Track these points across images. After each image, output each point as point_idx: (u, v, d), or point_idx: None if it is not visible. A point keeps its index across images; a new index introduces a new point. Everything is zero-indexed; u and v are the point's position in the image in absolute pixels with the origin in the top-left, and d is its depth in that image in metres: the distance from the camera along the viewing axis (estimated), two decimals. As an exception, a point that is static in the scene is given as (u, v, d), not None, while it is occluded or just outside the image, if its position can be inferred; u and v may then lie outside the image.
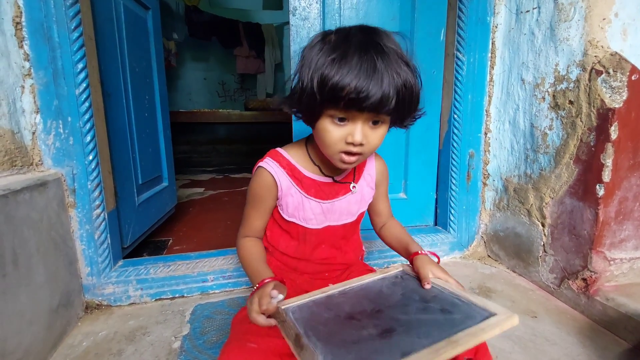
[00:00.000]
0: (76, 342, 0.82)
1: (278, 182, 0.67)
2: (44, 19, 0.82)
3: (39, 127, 0.86)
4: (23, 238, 0.71)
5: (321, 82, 0.52)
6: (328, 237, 0.73)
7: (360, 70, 0.51)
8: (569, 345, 0.80)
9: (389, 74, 0.51)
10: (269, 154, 0.70)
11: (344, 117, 0.55)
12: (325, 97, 0.53)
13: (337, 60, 0.52)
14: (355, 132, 0.55)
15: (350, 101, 0.52)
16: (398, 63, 0.53)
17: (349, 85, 0.50)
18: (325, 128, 0.57)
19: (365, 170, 0.75)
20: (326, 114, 0.56)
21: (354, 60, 0.51)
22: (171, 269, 1.04)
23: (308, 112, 0.59)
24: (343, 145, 0.57)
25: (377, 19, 1.17)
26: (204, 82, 4.27)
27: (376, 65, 0.51)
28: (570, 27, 0.93)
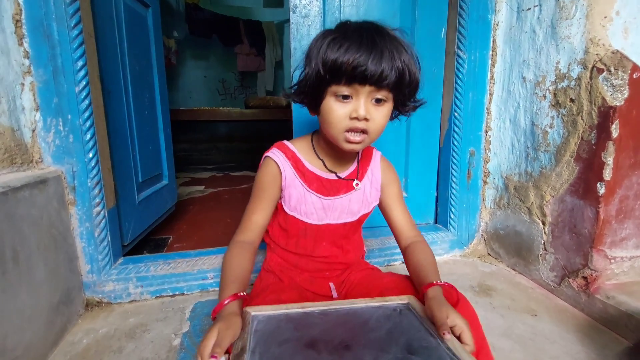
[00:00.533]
0: (77, 339, 0.82)
1: (283, 172, 0.68)
2: (44, 16, 0.82)
3: (38, 124, 0.86)
4: (23, 235, 0.71)
5: (324, 59, 0.55)
6: (328, 235, 0.73)
7: (360, 45, 0.53)
8: (569, 343, 0.81)
9: (388, 49, 0.54)
10: (276, 145, 0.71)
11: (347, 94, 0.57)
12: (328, 73, 0.55)
13: (338, 39, 0.55)
14: (359, 107, 0.57)
15: (351, 74, 0.54)
16: (396, 44, 0.56)
17: (349, 58, 0.53)
18: (330, 107, 0.58)
19: (369, 169, 0.75)
20: (330, 92, 0.58)
21: (354, 37, 0.54)
22: (171, 266, 1.04)
23: (313, 95, 0.60)
24: (348, 122, 0.58)
25: (378, 16, 1.16)
26: (204, 80, 4.27)
27: (376, 41, 0.54)
28: (571, 25, 0.93)
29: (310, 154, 0.71)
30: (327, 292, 0.73)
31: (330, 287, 0.74)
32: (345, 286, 0.75)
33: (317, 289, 0.73)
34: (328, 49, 0.55)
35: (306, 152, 0.71)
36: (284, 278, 0.73)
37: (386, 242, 1.21)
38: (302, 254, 0.74)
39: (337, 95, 0.57)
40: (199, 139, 4.03)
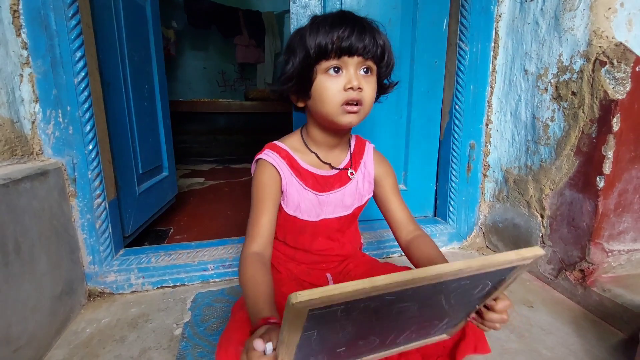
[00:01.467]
0: (79, 328, 0.84)
1: (281, 172, 0.67)
2: (41, 6, 0.81)
3: (38, 116, 0.86)
4: (25, 227, 0.71)
5: (310, 42, 0.58)
6: (324, 230, 0.73)
7: (343, 21, 0.58)
8: (565, 334, 0.82)
9: (369, 27, 0.59)
10: (267, 146, 0.70)
11: (337, 65, 0.59)
12: (316, 50, 0.58)
13: (320, 21, 0.59)
14: (351, 77, 0.59)
15: (340, 46, 0.57)
16: (374, 28, 0.61)
17: (336, 32, 0.57)
18: (323, 85, 0.60)
19: (362, 162, 0.75)
20: (320, 70, 0.60)
21: (335, 19, 0.59)
22: (172, 258, 1.05)
23: (303, 79, 0.62)
24: (343, 94, 0.60)
25: (379, 7, 1.15)
26: (203, 72, 4.23)
27: (356, 19, 0.59)
28: (575, 17, 0.92)
29: (302, 150, 0.70)
30: (324, 282, 0.74)
31: (328, 277, 0.75)
32: (343, 277, 0.75)
33: (314, 280, 0.74)
34: (312, 32, 0.58)
35: (298, 149, 0.70)
36: (281, 270, 0.74)
37: (384, 235, 1.21)
38: (300, 248, 0.74)
39: (327, 72, 0.60)
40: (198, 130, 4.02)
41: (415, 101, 1.24)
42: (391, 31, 1.18)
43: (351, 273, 0.75)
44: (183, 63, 4.10)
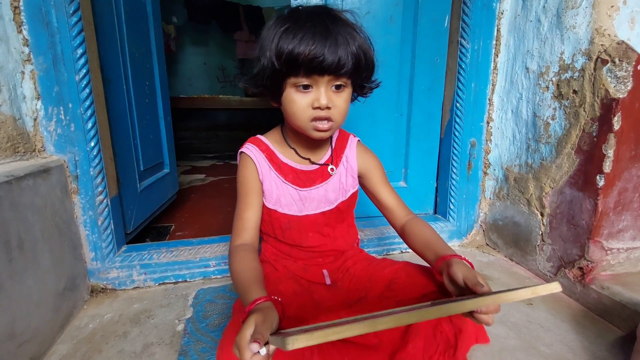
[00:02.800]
0: (82, 324, 0.85)
1: (258, 166, 0.68)
2: (42, 3, 0.81)
3: (40, 113, 0.86)
4: (28, 224, 0.72)
5: (278, 52, 0.54)
6: (310, 225, 0.73)
7: (314, 34, 0.53)
8: (563, 331, 0.82)
9: (342, 36, 0.54)
10: (249, 140, 0.72)
11: (307, 83, 0.57)
12: (284, 66, 0.55)
13: (291, 29, 0.54)
14: (320, 96, 0.57)
15: (309, 66, 0.54)
16: (349, 29, 0.56)
17: (305, 49, 0.53)
18: (291, 98, 0.58)
19: (345, 156, 0.74)
20: (289, 83, 0.57)
21: (306, 25, 0.53)
22: (174, 254, 1.06)
23: (272, 87, 0.59)
24: (311, 111, 0.58)
25: (380, 5, 1.15)
26: (203, 67, 4.23)
27: (329, 28, 0.54)
28: (577, 15, 0.91)
29: (282, 145, 0.71)
30: (320, 279, 0.74)
31: (324, 274, 0.75)
32: (342, 273, 0.75)
33: (311, 277, 0.74)
34: (281, 40, 0.54)
35: (278, 144, 0.71)
36: (279, 267, 0.75)
37: (385, 232, 1.22)
38: (292, 244, 0.75)
39: (297, 86, 0.57)
40: (199, 127, 4.02)
41: (416, 98, 1.24)
42: (392, 29, 1.17)
43: (350, 270, 0.76)
44: (183, 58, 4.09)
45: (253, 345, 0.39)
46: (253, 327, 0.42)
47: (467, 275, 0.51)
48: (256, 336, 0.40)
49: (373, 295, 0.66)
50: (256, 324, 0.42)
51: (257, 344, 0.39)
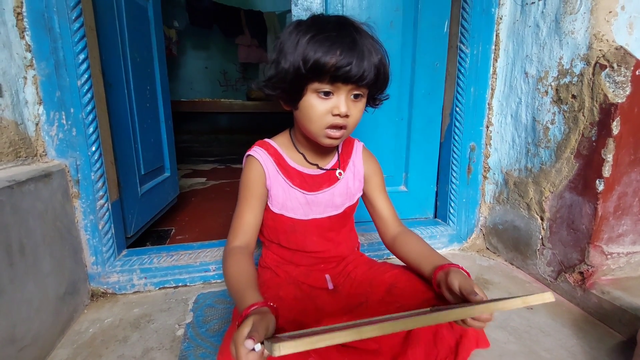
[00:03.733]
0: (83, 328, 0.85)
1: (265, 169, 0.68)
2: (45, 9, 0.82)
3: (42, 118, 0.87)
4: (29, 228, 0.72)
5: (305, 57, 0.55)
6: (315, 229, 0.74)
7: (342, 44, 0.54)
8: (564, 336, 0.82)
9: (367, 48, 0.56)
10: (257, 143, 0.72)
11: (328, 90, 0.58)
12: (311, 72, 0.55)
13: (318, 36, 0.55)
14: (340, 103, 0.58)
15: (335, 74, 0.55)
16: (372, 42, 0.58)
17: (334, 58, 0.54)
18: (311, 103, 0.59)
19: (351, 160, 0.75)
20: (311, 89, 0.58)
21: (333, 34, 0.55)
22: (174, 258, 1.06)
23: (292, 91, 0.60)
24: (329, 118, 0.59)
25: (381, 10, 1.15)
26: (205, 71, 4.24)
27: (355, 39, 0.55)
28: (575, 20, 0.92)
29: (290, 149, 0.71)
30: (323, 284, 0.74)
31: (326, 278, 0.75)
32: (343, 278, 0.76)
33: (313, 282, 0.74)
34: (309, 46, 0.55)
35: (287, 148, 0.72)
36: (280, 273, 0.75)
37: (386, 236, 1.22)
38: (295, 249, 0.75)
39: (318, 92, 0.58)
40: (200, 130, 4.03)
41: (416, 103, 1.25)
42: (392, 34, 1.18)
43: (351, 274, 0.76)
44: (185, 62, 4.11)
45: (248, 341, 0.40)
46: (250, 325, 0.43)
47: (463, 284, 0.53)
48: (252, 334, 0.41)
49: (374, 300, 0.66)
50: (254, 322, 0.43)
51: (251, 340, 0.40)
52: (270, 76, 0.62)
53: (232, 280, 0.59)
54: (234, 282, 0.58)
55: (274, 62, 0.60)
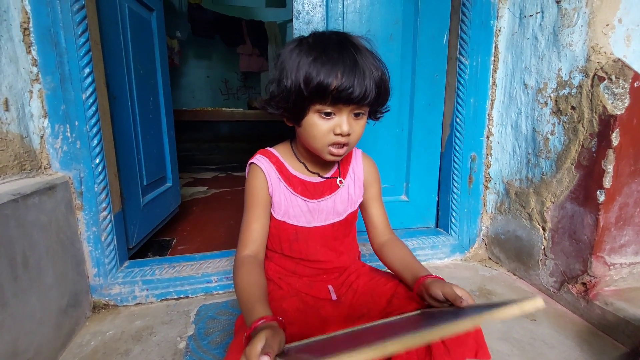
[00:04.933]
0: (84, 341, 0.84)
1: (268, 177, 0.69)
2: (51, 24, 0.84)
3: (47, 131, 0.88)
4: (33, 241, 0.73)
5: (307, 80, 0.56)
6: (318, 237, 0.74)
7: (344, 66, 0.55)
8: (568, 348, 0.82)
9: (368, 68, 0.57)
10: (259, 151, 0.73)
11: (330, 111, 0.59)
12: (312, 94, 0.57)
13: (320, 58, 0.56)
14: (342, 123, 0.59)
15: (337, 96, 0.56)
16: (372, 59, 0.59)
17: (336, 81, 0.55)
18: (314, 123, 0.60)
19: (351, 168, 0.76)
20: (313, 109, 0.59)
21: (335, 56, 0.56)
22: (176, 270, 1.06)
23: (295, 111, 0.61)
24: (332, 137, 0.60)
25: (380, 23, 1.17)
26: (207, 80, 4.28)
27: (356, 60, 0.56)
28: (573, 33, 0.93)
29: (292, 159, 0.73)
30: (326, 294, 0.74)
31: (329, 289, 0.75)
32: (345, 288, 0.76)
33: (317, 293, 0.74)
34: (310, 68, 0.56)
35: (288, 157, 0.73)
36: (282, 285, 0.74)
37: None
38: (298, 257, 0.75)
39: (320, 112, 0.59)
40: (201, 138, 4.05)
41: (416, 114, 1.26)
42: (392, 46, 1.20)
43: (353, 285, 0.76)
44: (186, 72, 4.15)
45: (264, 357, 0.39)
46: (264, 340, 0.42)
47: (446, 292, 0.55)
48: (267, 349, 0.40)
49: (376, 311, 0.66)
50: (267, 338, 0.43)
51: (267, 356, 0.39)
52: (272, 96, 0.63)
53: (242, 291, 0.59)
54: (244, 293, 0.58)
55: (276, 81, 0.61)
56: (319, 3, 1.10)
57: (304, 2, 1.09)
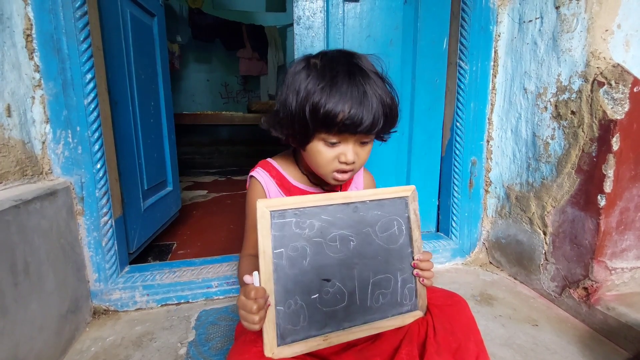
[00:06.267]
0: (85, 347, 0.84)
1: (266, 190, 0.69)
2: (54, 31, 0.84)
3: (48, 136, 0.88)
4: (34, 247, 0.73)
5: (314, 109, 0.55)
6: None
7: (352, 97, 0.54)
8: (570, 354, 0.81)
9: (376, 97, 0.55)
10: (259, 164, 0.73)
11: (336, 140, 0.58)
12: (318, 123, 0.55)
13: (328, 87, 0.54)
14: (348, 152, 0.58)
15: (344, 128, 0.55)
16: (380, 84, 0.57)
17: (342, 112, 0.53)
18: (318, 150, 0.59)
19: (353, 182, 0.77)
20: (318, 137, 0.58)
21: (343, 86, 0.54)
22: (176, 275, 1.06)
23: (300, 137, 0.60)
24: (336, 164, 0.60)
25: (380, 28, 1.18)
26: (207, 84, 4.30)
27: (365, 90, 0.55)
28: (572, 38, 0.94)
29: (294, 169, 0.72)
30: None
31: None
32: None
33: None
34: (317, 97, 0.54)
35: (290, 169, 0.72)
36: None
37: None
38: None
39: (325, 140, 0.58)
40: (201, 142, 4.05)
41: (416, 118, 1.26)
42: (392, 51, 1.20)
43: None
44: (187, 75, 4.17)
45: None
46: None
47: None
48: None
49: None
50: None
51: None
52: (278, 119, 0.62)
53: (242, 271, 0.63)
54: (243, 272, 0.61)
55: (282, 103, 0.60)
56: (319, 9, 1.10)
57: (304, 8, 1.10)
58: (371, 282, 0.58)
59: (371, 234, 0.58)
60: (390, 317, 0.59)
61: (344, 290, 0.55)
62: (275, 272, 0.51)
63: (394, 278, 0.60)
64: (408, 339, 0.58)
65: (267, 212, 0.51)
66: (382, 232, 0.59)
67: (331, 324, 0.54)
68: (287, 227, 0.52)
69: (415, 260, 0.61)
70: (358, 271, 0.57)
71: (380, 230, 0.59)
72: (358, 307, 0.57)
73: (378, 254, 0.58)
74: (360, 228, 0.57)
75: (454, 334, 0.58)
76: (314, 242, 0.54)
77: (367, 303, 0.57)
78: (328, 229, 0.55)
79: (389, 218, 0.60)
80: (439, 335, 0.58)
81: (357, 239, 0.57)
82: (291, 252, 0.52)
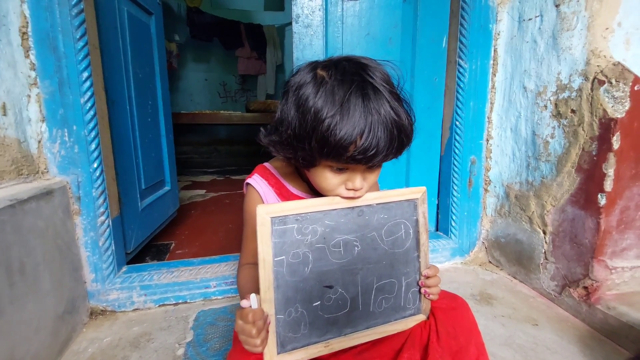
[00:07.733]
0: (81, 348, 0.83)
1: (264, 200, 0.65)
2: (50, 28, 0.83)
3: (44, 135, 0.87)
4: (30, 247, 0.72)
5: (322, 139, 0.48)
6: None
7: (365, 126, 0.47)
8: (570, 354, 0.81)
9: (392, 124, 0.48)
10: (257, 170, 0.68)
11: (343, 167, 0.53)
12: (326, 154, 0.49)
13: (338, 114, 0.47)
14: (356, 180, 0.53)
15: (354, 160, 0.49)
16: (395, 104, 0.50)
17: (354, 145, 0.47)
18: (324, 175, 0.54)
19: None
20: (324, 164, 0.53)
21: (356, 114, 0.47)
22: (174, 275, 1.05)
23: (303, 162, 0.54)
24: (342, 190, 0.54)
25: (380, 26, 1.17)
26: (205, 83, 4.28)
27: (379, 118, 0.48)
28: (572, 36, 0.93)
29: (294, 177, 0.68)
30: None
31: None
32: None
33: None
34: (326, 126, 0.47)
35: (290, 176, 0.68)
36: None
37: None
38: None
39: (332, 167, 0.53)
40: (200, 141, 4.04)
41: (416, 117, 1.25)
42: (391, 49, 1.20)
43: None
44: (185, 75, 4.15)
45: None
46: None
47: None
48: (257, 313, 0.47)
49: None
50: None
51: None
52: (279, 139, 0.56)
53: (241, 286, 0.63)
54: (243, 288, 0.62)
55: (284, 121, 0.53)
56: (318, 7, 1.10)
57: (303, 6, 1.09)
58: (375, 288, 0.56)
59: (377, 239, 0.56)
60: (393, 321, 0.57)
61: (347, 296, 0.54)
62: (275, 280, 0.49)
63: (399, 283, 0.58)
64: (410, 342, 0.57)
65: (268, 218, 0.49)
66: (388, 236, 0.57)
67: (333, 331, 0.53)
68: (288, 233, 0.50)
69: (422, 278, 0.59)
70: (361, 277, 0.55)
71: (386, 235, 0.56)
72: (360, 313, 0.55)
73: (383, 259, 0.56)
74: (365, 233, 0.55)
75: (457, 338, 0.57)
76: (316, 248, 0.52)
77: (369, 308, 0.56)
78: (331, 234, 0.53)
79: (396, 221, 0.57)
80: (442, 339, 0.57)
81: (362, 244, 0.54)
82: (292, 260, 0.50)
